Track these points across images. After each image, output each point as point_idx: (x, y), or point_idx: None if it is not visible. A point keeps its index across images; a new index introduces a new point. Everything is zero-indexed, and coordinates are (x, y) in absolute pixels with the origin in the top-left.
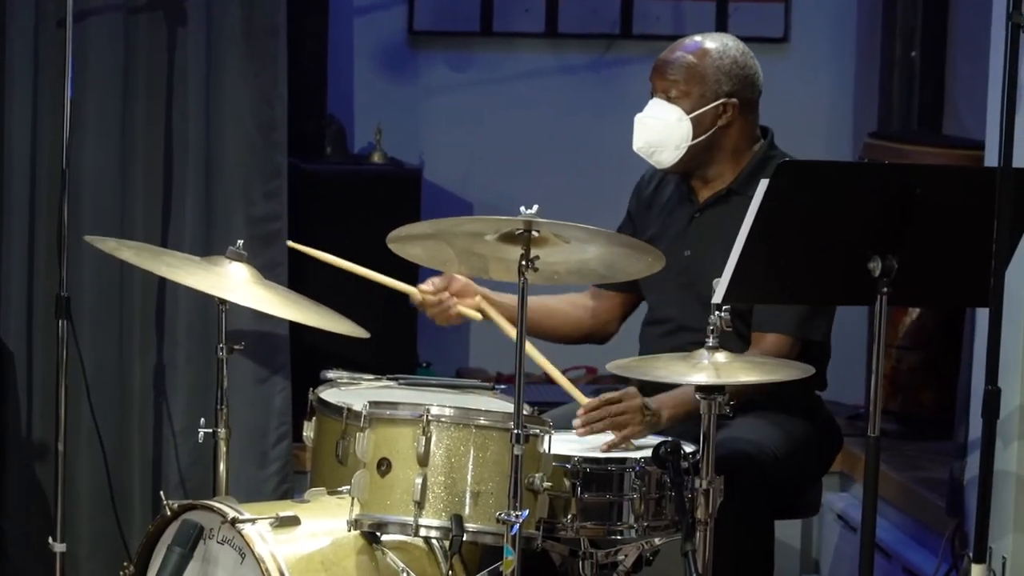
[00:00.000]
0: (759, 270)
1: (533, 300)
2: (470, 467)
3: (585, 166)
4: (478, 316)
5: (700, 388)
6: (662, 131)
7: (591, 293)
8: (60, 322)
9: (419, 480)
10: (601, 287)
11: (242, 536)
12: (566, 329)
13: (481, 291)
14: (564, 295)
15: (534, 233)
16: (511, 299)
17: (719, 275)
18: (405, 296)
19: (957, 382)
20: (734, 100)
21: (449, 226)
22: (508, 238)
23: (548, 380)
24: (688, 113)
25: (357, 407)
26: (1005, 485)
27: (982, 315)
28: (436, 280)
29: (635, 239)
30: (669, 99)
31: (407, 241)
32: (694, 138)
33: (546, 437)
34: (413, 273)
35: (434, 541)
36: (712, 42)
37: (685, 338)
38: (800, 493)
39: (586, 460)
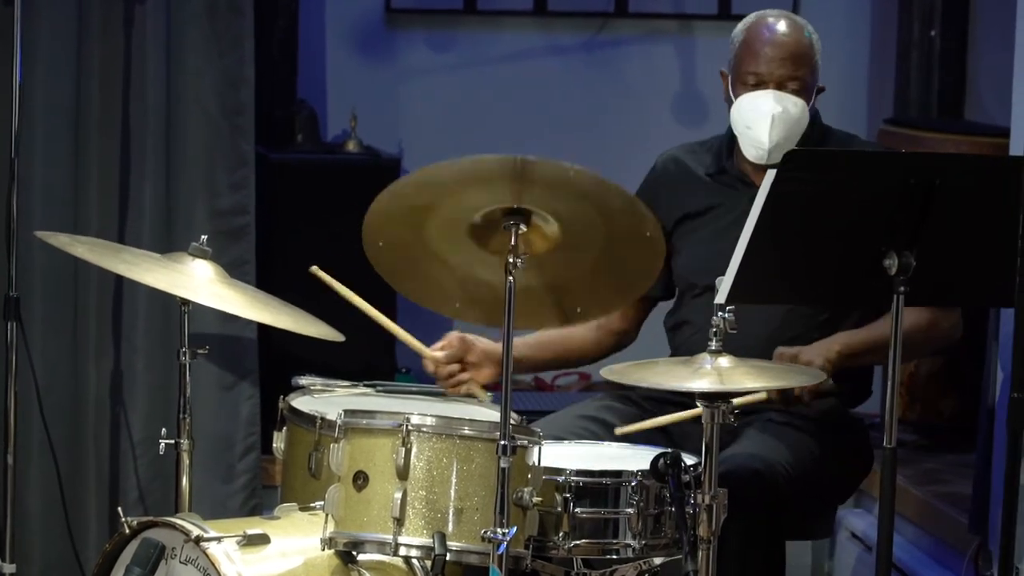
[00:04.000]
0: (766, 268)
1: (537, 337)
2: (453, 481)
3: (577, 153)
4: (484, 397)
5: (702, 396)
6: (792, 127)
7: None
8: (9, 324)
9: (398, 495)
10: None
11: (207, 556)
12: (586, 351)
13: (496, 353)
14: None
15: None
16: (536, 342)
17: None
18: (383, 295)
19: (980, 389)
20: (822, 84)
21: (433, 175)
22: (494, 228)
23: (538, 387)
24: (808, 103)
25: (331, 416)
26: None
27: (1007, 316)
28: (454, 339)
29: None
30: (790, 91)
31: (382, 230)
32: (801, 135)
33: (535, 448)
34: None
35: (415, 561)
36: (796, 23)
37: (749, 336)
38: (813, 514)
39: (579, 473)
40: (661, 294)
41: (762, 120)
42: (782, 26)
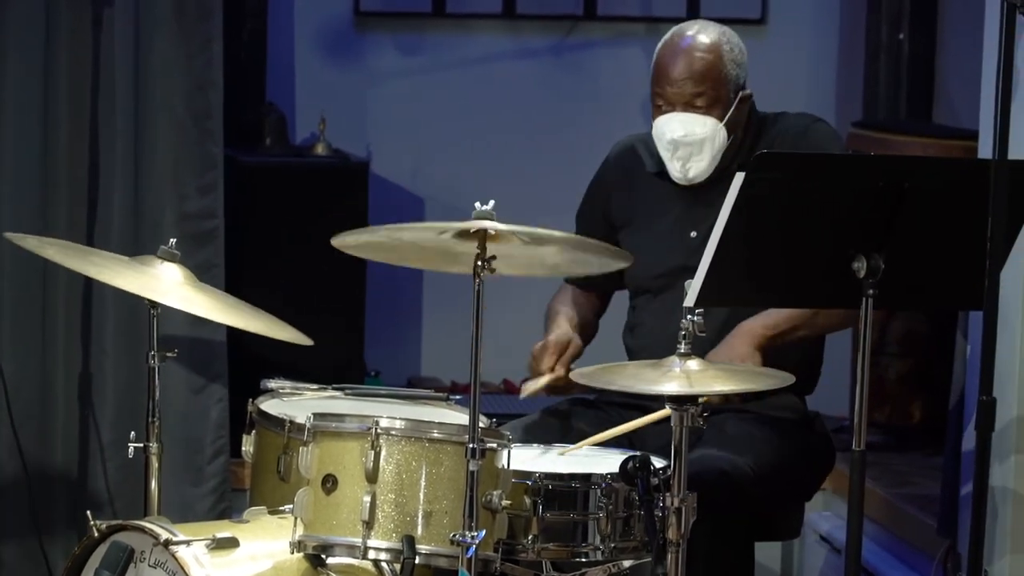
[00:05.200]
0: (735, 270)
1: (581, 322)
2: (422, 484)
3: (546, 157)
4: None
5: (671, 399)
6: (703, 146)
7: (581, 293)
8: None
9: (367, 498)
10: (576, 284)
11: (176, 559)
12: (590, 335)
13: (579, 347)
14: (568, 302)
15: (490, 232)
16: (581, 327)
17: None
18: (352, 299)
19: (949, 392)
20: (749, 90)
21: (396, 232)
22: (464, 235)
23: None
24: (721, 120)
25: (300, 419)
26: (1001, 502)
27: (975, 319)
28: (551, 343)
29: (600, 242)
30: (696, 109)
31: (355, 246)
32: (728, 141)
33: (504, 451)
34: (361, 271)
35: (384, 564)
36: (710, 35)
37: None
38: (781, 513)
39: (548, 476)
40: (615, 287)
41: (667, 148)
42: (686, 44)
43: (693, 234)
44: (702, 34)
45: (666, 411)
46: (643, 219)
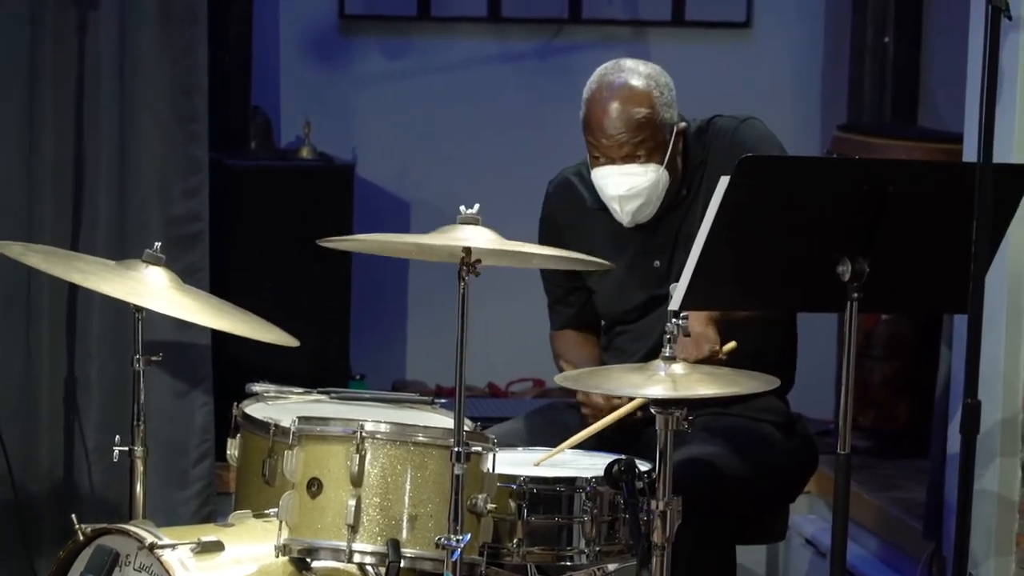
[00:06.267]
0: (719, 274)
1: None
2: (407, 488)
3: (531, 160)
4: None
5: (656, 402)
6: (648, 193)
7: (576, 333)
8: None
9: (352, 502)
10: (572, 328)
11: (161, 563)
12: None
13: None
14: (577, 345)
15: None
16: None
17: None
18: (337, 303)
19: (933, 395)
20: (683, 123)
21: (381, 242)
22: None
23: (492, 394)
24: (662, 163)
25: (285, 423)
26: (985, 506)
27: (960, 322)
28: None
29: (580, 256)
30: (636, 159)
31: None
32: (671, 180)
33: (489, 455)
34: (346, 275)
35: (369, 568)
36: (637, 79)
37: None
38: (765, 516)
39: (533, 480)
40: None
41: (612, 202)
42: (618, 96)
43: (656, 264)
44: (631, 80)
45: (638, 401)
46: (602, 255)
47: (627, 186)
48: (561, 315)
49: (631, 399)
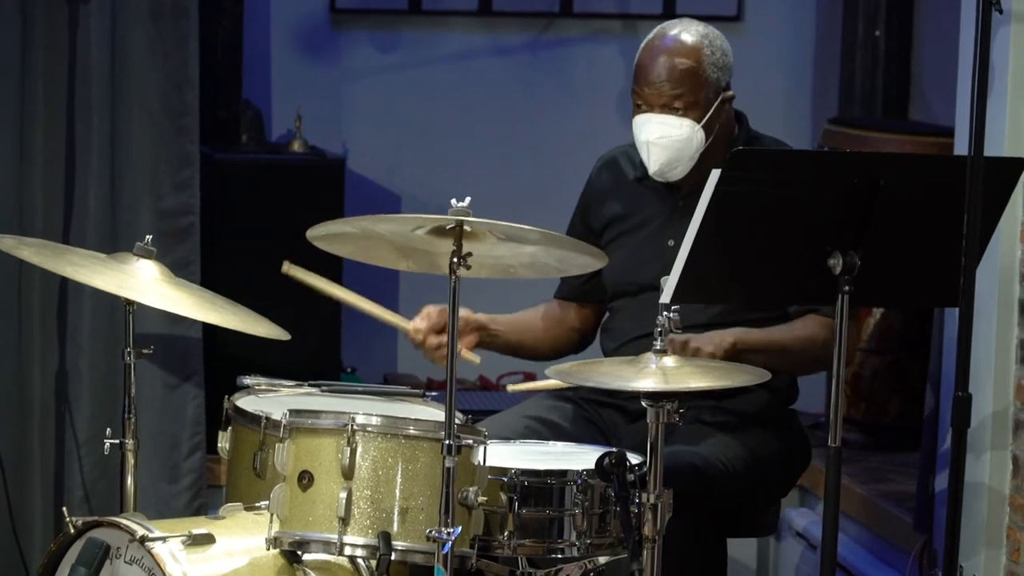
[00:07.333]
0: (711, 267)
1: (512, 318)
2: (399, 480)
3: (522, 154)
4: (476, 360)
5: (647, 395)
6: (680, 148)
7: (559, 304)
8: None
9: (343, 494)
10: (567, 299)
11: (152, 556)
12: (547, 345)
13: (477, 321)
14: (536, 309)
15: (466, 228)
16: (511, 321)
17: None
18: (328, 296)
19: (924, 388)
20: (730, 92)
21: (372, 223)
22: (439, 232)
23: (483, 387)
24: (699, 122)
25: (276, 416)
26: (976, 498)
27: (951, 316)
28: (432, 312)
29: (576, 240)
30: (674, 111)
31: (331, 239)
32: (706, 144)
33: (481, 448)
34: (338, 268)
35: (360, 560)
36: (691, 35)
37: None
38: (757, 510)
39: (524, 473)
40: (602, 296)
41: (643, 148)
42: (666, 46)
43: (671, 243)
44: (684, 35)
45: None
46: (624, 226)
47: (659, 134)
48: (566, 283)
49: None
